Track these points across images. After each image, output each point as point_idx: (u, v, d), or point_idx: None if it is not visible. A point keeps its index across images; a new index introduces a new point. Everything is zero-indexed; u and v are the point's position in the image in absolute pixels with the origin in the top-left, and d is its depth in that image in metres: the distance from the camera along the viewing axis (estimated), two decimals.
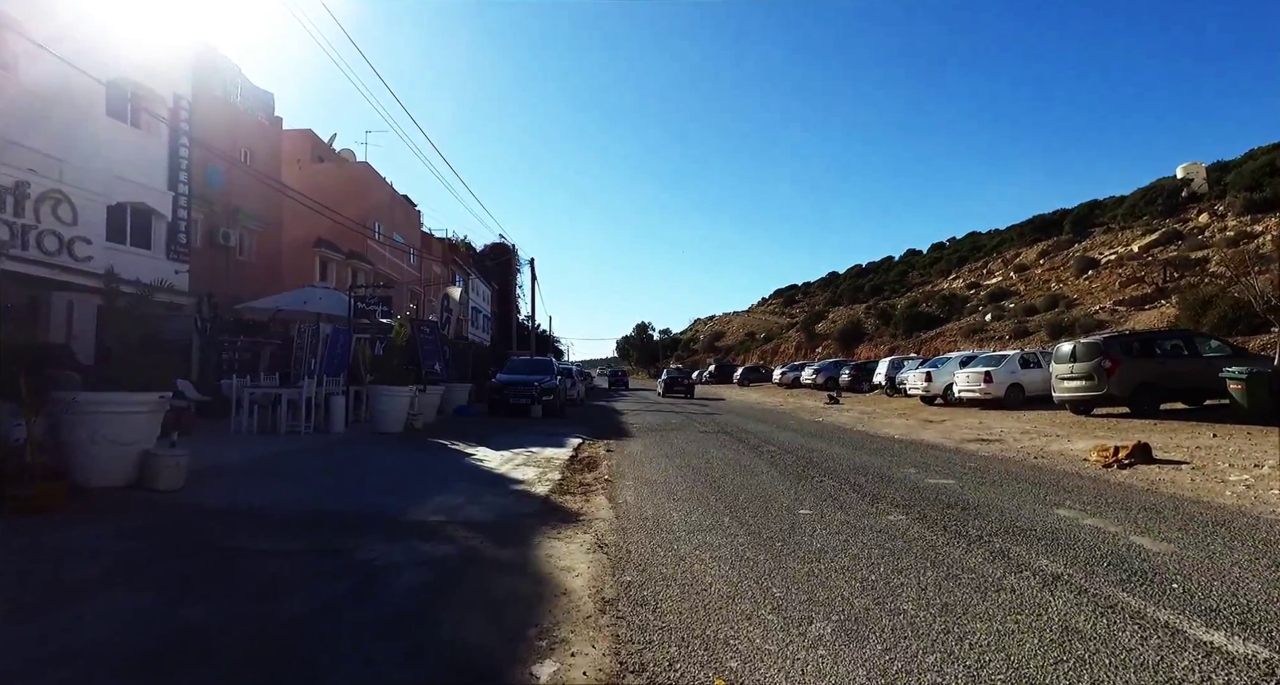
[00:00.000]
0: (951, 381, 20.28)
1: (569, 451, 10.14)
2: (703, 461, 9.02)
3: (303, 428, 10.50)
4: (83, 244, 14.03)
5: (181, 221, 17.54)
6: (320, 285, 14.86)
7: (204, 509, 5.33)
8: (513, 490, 6.75)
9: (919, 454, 9.58)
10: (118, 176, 15.70)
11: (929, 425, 14.62)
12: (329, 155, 30.62)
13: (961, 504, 5.76)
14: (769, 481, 7.24)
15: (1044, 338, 28.70)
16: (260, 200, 21.38)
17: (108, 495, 5.46)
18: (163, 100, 17.09)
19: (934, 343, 38.90)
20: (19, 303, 14.59)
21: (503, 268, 55.13)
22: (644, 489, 6.91)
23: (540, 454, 9.71)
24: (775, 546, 4.47)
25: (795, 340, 67.50)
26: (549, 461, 8.93)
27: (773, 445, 10.93)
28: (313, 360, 13.36)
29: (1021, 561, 4.05)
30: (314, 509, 5.53)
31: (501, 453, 9.67)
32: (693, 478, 7.59)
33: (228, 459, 7.90)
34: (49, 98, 14.30)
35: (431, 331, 15.35)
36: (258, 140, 21.80)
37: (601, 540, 4.75)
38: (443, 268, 40.27)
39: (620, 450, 10.61)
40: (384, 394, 11.33)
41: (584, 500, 6.34)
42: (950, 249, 77.65)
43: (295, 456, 8.50)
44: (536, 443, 11.05)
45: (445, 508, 5.78)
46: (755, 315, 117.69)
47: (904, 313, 47.53)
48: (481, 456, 9.26)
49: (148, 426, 5.74)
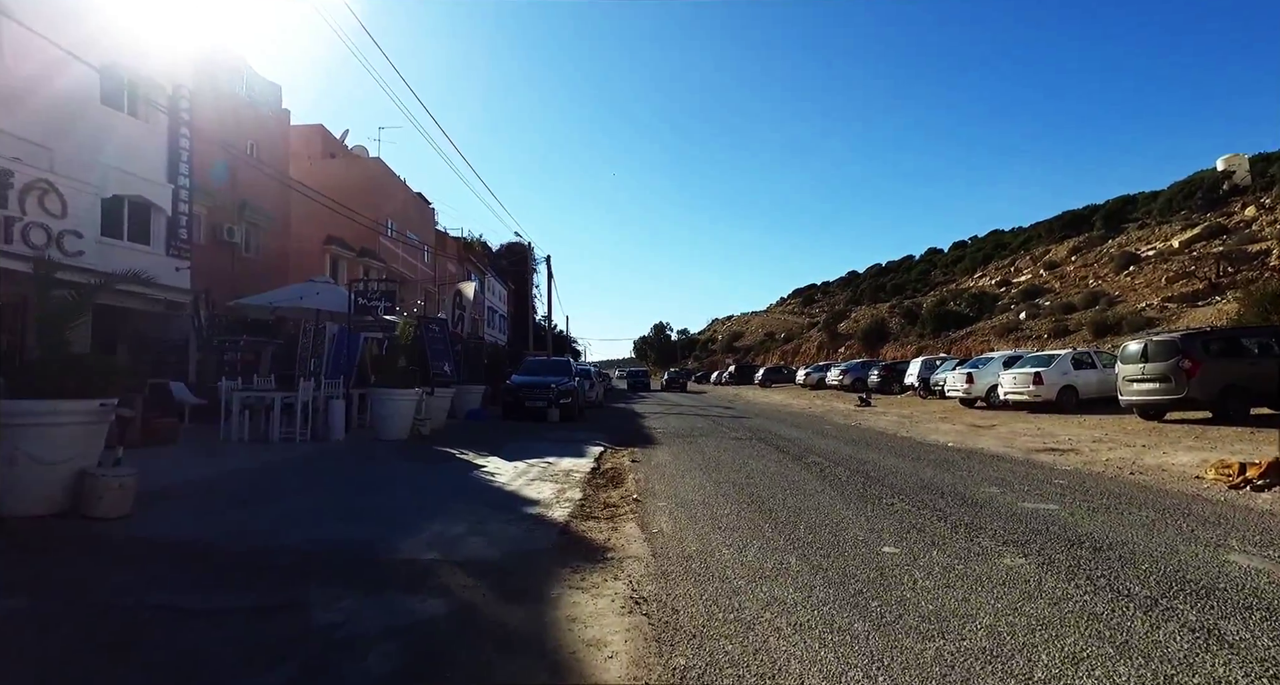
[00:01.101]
0: (995, 383, 18.96)
1: (590, 462, 9.07)
2: (743, 476, 7.90)
3: (298, 435, 9.54)
4: (74, 238, 13.18)
5: (182, 216, 16.74)
6: (322, 280, 13.91)
7: (141, 545, 4.32)
8: (525, 514, 5.68)
9: (989, 467, 8.39)
10: (113, 167, 14.89)
11: (980, 431, 13.37)
12: (341, 151, 29.86)
13: (1088, 541, 4.59)
14: (828, 503, 6.11)
15: (1086, 336, 27.19)
16: (268, 195, 20.58)
17: (27, 527, 4.47)
18: (161, 89, 16.31)
19: (965, 342, 37.37)
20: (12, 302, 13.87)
21: (519, 267, 54.30)
22: (681, 513, 5.81)
23: (558, 465, 8.65)
24: (870, 607, 3.35)
25: (817, 340, 66.05)
26: (568, 475, 7.86)
27: (817, 455, 9.78)
28: (314, 361, 12.45)
29: (1249, 648, 2.90)
30: (280, 542, 4.49)
31: (514, 464, 8.62)
32: (736, 497, 6.48)
33: (199, 473, 6.93)
34: (36, 82, 13.51)
35: (441, 330, 14.39)
36: (264, 133, 21.00)
37: (638, 592, 3.67)
38: (457, 267, 39.45)
39: (647, 461, 9.52)
40: (387, 398, 10.34)
41: (611, 529, 5.25)
42: (973, 247, 75.80)
43: (279, 470, 7.51)
44: (554, 451, 10.00)
45: (442, 540, 4.72)
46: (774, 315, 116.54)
47: (931, 311, 45.98)
48: (492, 469, 8.21)
49: (84, 441, 4.74)
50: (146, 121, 16.15)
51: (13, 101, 13.03)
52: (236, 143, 19.24)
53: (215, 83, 18.55)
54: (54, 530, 4.46)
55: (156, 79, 16.12)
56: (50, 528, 4.49)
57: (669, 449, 10.95)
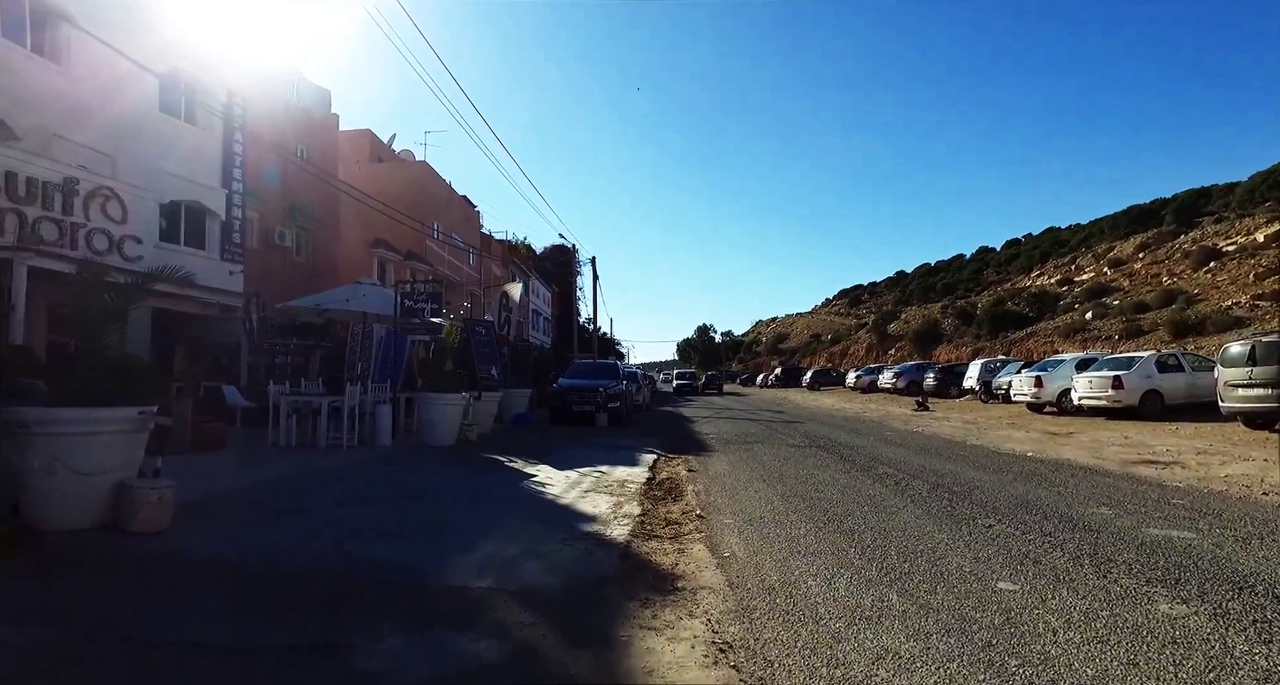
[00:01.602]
0: (1067, 387, 17.80)
1: (644, 472, 8.59)
2: (810, 488, 7.31)
3: (345, 440, 9.32)
4: (133, 243, 13.33)
5: (236, 220, 16.94)
6: (368, 282, 13.80)
7: (174, 564, 4.00)
8: (582, 532, 5.23)
9: (1085, 482, 7.60)
10: (170, 173, 15.13)
11: (1058, 439, 12.42)
12: (388, 155, 30.16)
13: (1259, 584, 3.88)
14: (914, 524, 5.49)
15: (1164, 337, 25.51)
16: (317, 199, 20.78)
17: (63, 542, 4.21)
18: (216, 96, 16.53)
19: (1025, 344, 35.70)
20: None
21: (563, 270, 54.32)
22: (752, 533, 5.27)
23: (611, 475, 8.20)
24: (1009, 666, 2.77)
25: (866, 342, 64.45)
26: (623, 486, 7.39)
27: (886, 465, 9.10)
28: (362, 364, 12.31)
29: None
30: (320, 564, 4.13)
31: (566, 473, 8.20)
32: (809, 514, 5.90)
33: (244, 481, 6.69)
34: (100, 92, 13.77)
35: (487, 333, 14.13)
36: (314, 138, 21.22)
37: (720, 635, 3.16)
38: (502, 269, 39.56)
39: (704, 469, 9.00)
40: (434, 402, 10.06)
41: (677, 551, 4.75)
42: (1028, 245, 73.07)
43: (323, 479, 7.23)
44: (605, 459, 9.56)
45: (494, 563, 4.30)
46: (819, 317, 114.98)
47: (988, 312, 44.17)
48: (543, 479, 7.80)
49: (123, 451, 4.48)
50: (202, 128, 16.39)
51: (80, 112, 13.29)
52: (287, 147, 19.45)
53: (267, 88, 18.77)
54: (89, 546, 4.19)
55: (212, 86, 16.35)
56: (85, 543, 4.22)
57: (725, 457, 10.40)
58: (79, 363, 4.39)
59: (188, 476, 6.71)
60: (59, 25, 13.22)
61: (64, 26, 13.25)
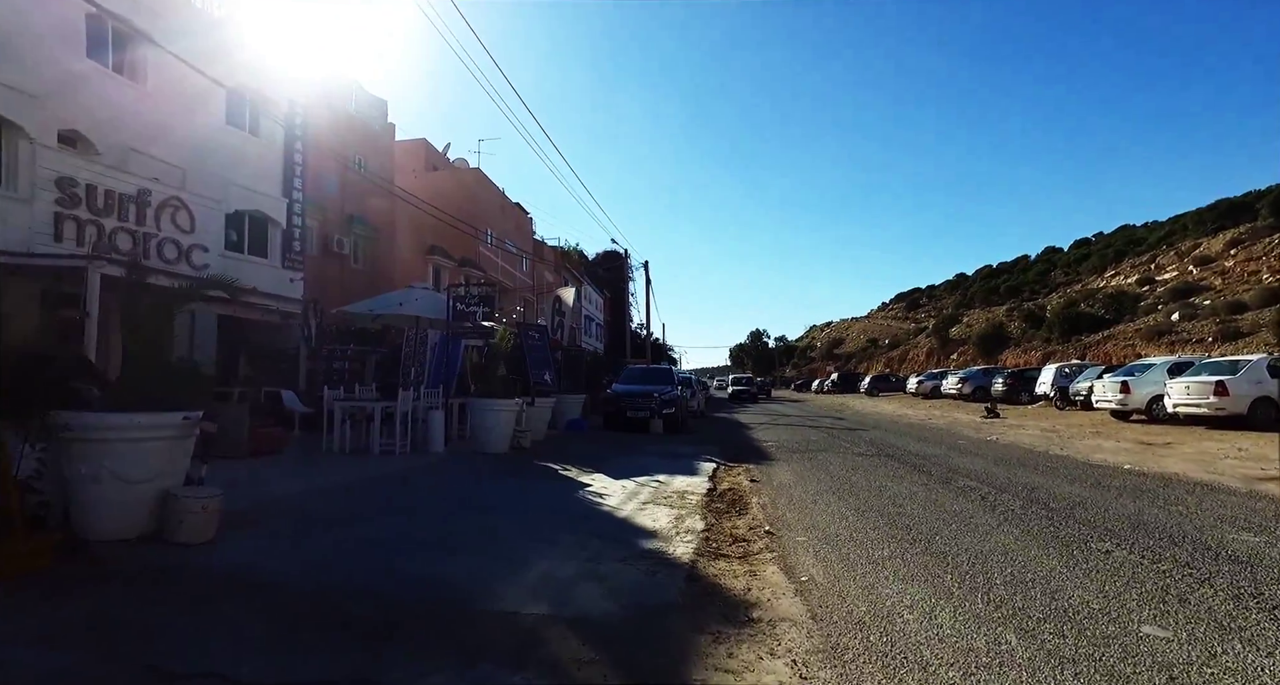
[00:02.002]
0: (1158, 393, 16.48)
1: (704, 481, 8.14)
2: (886, 502, 6.73)
3: (398, 447, 9.17)
4: (200, 252, 13.66)
5: (296, 228, 17.27)
6: (421, 286, 13.78)
7: (214, 580, 3.77)
8: (643, 550, 4.82)
9: (1208, 501, 6.76)
10: (235, 184, 15.51)
11: (1155, 450, 11.37)
12: (443, 164, 30.60)
13: None
14: (1016, 547, 4.88)
15: (1268, 339, 23.52)
16: (374, 207, 21.11)
17: (106, 553, 4.05)
18: (279, 107, 16.92)
19: (1103, 347, 33.64)
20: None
21: (615, 275, 54.29)
22: (830, 553, 4.77)
23: (670, 485, 7.77)
24: None
25: (926, 346, 62.25)
26: (683, 498, 6.96)
27: (966, 476, 8.39)
28: (415, 369, 12.25)
29: None
30: (364, 581, 3.84)
31: (622, 482, 7.82)
32: (890, 532, 5.35)
33: (293, 488, 6.54)
34: (173, 108, 14.22)
35: (541, 337, 13.91)
36: (371, 147, 21.58)
37: (810, 683, 2.70)
38: (555, 276, 39.69)
39: (767, 479, 8.48)
40: (487, 408, 9.84)
41: (749, 573, 4.30)
42: (1100, 244, 69.54)
43: (373, 487, 7.03)
44: (663, 467, 9.14)
45: (549, 585, 3.93)
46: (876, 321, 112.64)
47: (1059, 314, 41.87)
48: (599, 488, 7.43)
49: (168, 458, 4.31)
50: (265, 140, 16.79)
51: (154, 127, 13.74)
52: (345, 157, 19.81)
53: (326, 99, 19.16)
54: (131, 558, 4.01)
55: (274, 99, 16.73)
56: (129, 554, 4.05)
57: (789, 467, 9.84)
58: (124, 367, 4.23)
59: (241, 483, 6.63)
60: (138, 45, 13.69)
61: (142, 46, 13.72)
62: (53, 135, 11.62)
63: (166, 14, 13.58)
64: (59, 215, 11.26)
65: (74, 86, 12.15)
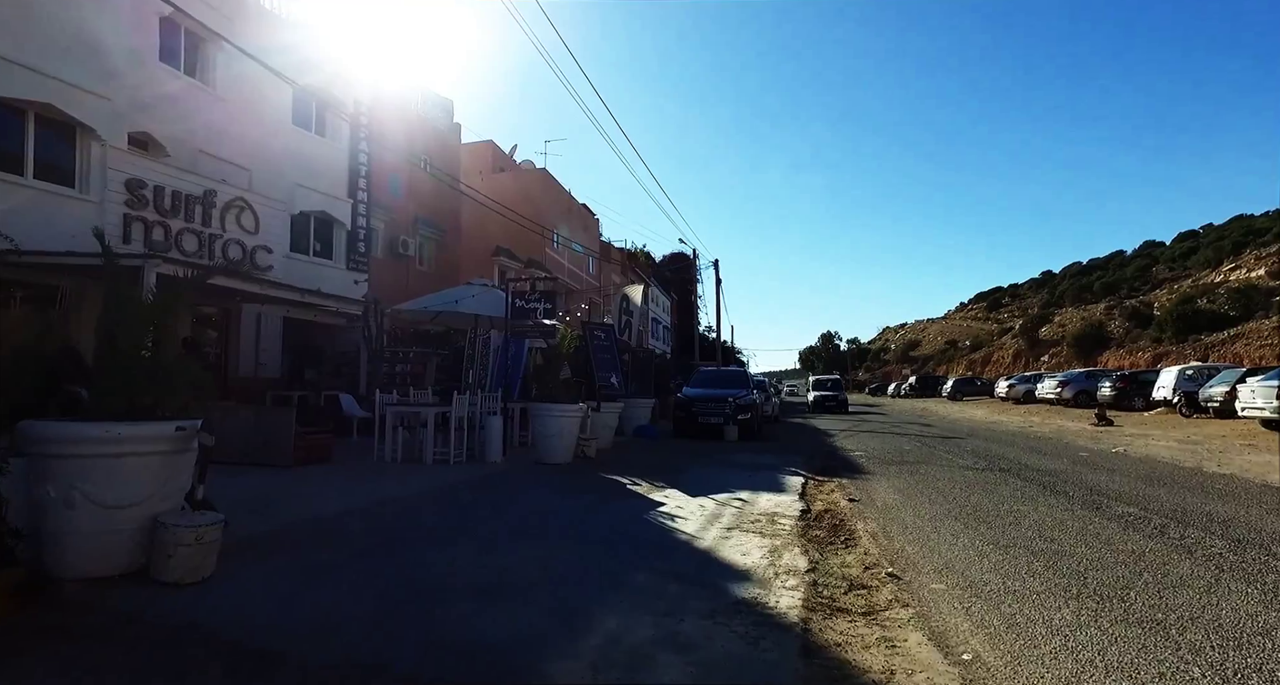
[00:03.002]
0: None
1: (794, 500, 7.00)
2: (1029, 532, 5.43)
3: (452, 456, 8.42)
4: (264, 253, 13.43)
5: (361, 229, 17.06)
6: (479, 283, 13.13)
7: (195, 643, 2.94)
8: (735, 599, 3.76)
9: None
10: (300, 185, 15.36)
11: None
12: (510, 166, 30.35)
13: None
14: (1256, 610, 3.56)
15: None
16: (439, 208, 20.83)
17: (81, 595, 3.30)
18: (344, 107, 16.74)
19: (1230, 347, 30.25)
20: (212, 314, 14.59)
21: (681, 278, 53.22)
22: (985, 610, 3.59)
23: (755, 504, 6.68)
24: None
25: (1012, 347, 58.51)
26: (773, 522, 5.85)
27: (1117, 500, 6.93)
28: (475, 372, 11.59)
29: None
30: (386, 647, 2.94)
31: (700, 501, 6.78)
32: (1054, 579, 4.10)
33: (329, 506, 5.79)
34: (240, 107, 14.14)
35: (607, 337, 13.03)
36: (437, 148, 21.32)
37: None
38: (621, 277, 38.98)
39: (868, 498, 7.26)
40: (548, 414, 8.97)
41: (882, 642, 3.18)
42: (1210, 236, 63.46)
43: (419, 505, 6.23)
44: (744, 482, 8.04)
45: (617, 653, 2.93)
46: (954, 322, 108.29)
47: (1171, 312, 38.09)
48: (673, 509, 6.41)
49: (159, 477, 3.55)
50: (330, 140, 16.65)
51: (222, 128, 13.68)
52: (411, 157, 19.57)
53: (392, 100, 18.95)
54: (105, 604, 3.26)
55: (340, 99, 16.55)
56: (103, 599, 3.30)
57: (888, 482, 8.56)
58: (103, 368, 3.50)
59: (275, 499, 5.94)
60: (209, 48, 13.67)
61: (213, 49, 13.68)
62: (123, 138, 11.58)
63: (236, 16, 13.46)
64: (127, 217, 11.15)
65: (146, 89, 12.12)
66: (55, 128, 10.65)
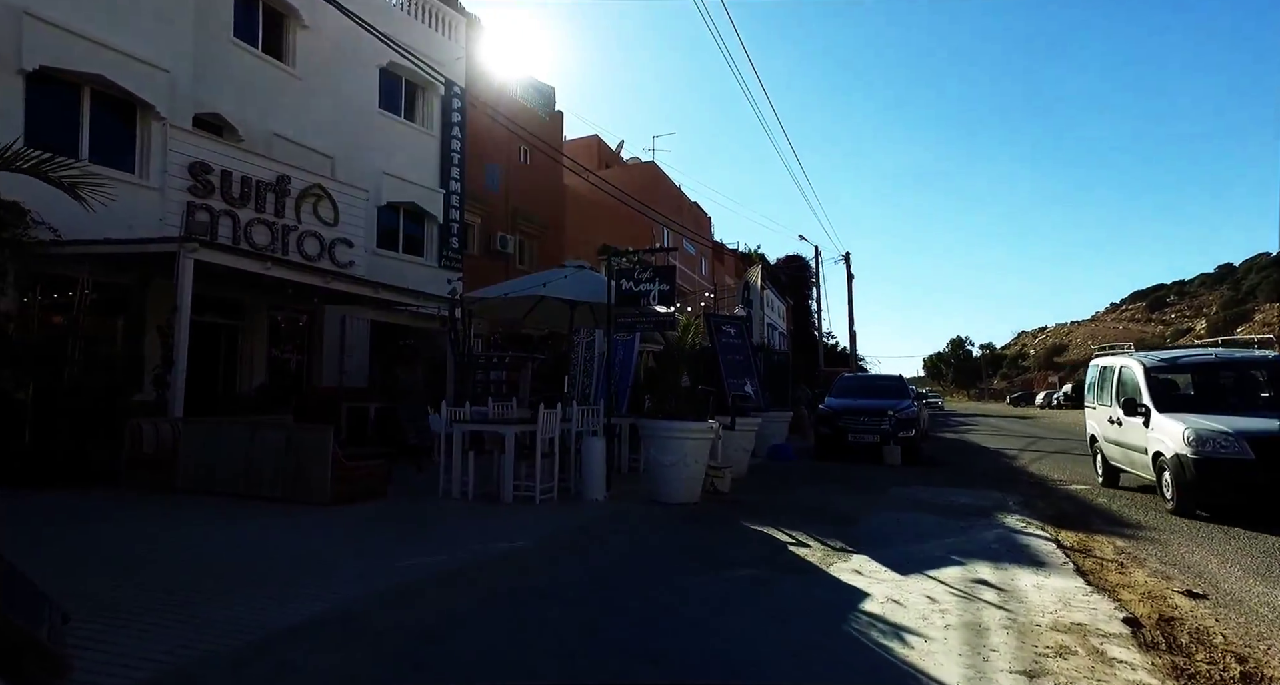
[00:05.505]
0: None
1: (1082, 588, 4.16)
2: None
3: (539, 491, 6.18)
4: (344, 247, 11.95)
5: (454, 224, 15.55)
6: (574, 263, 10.99)
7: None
8: None
9: None
10: (386, 174, 14.00)
11: None
12: (615, 161, 28.60)
13: None
14: None
15: None
16: (540, 202, 19.15)
17: None
18: (436, 91, 15.34)
19: None
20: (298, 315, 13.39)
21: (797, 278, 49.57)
22: None
23: (1021, 597, 3.92)
24: None
25: None
26: (1098, 653, 3.09)
27: None
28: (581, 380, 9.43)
29: None
30: None
31: (920, 585, 4.11)
32: None
33: (348, 590, 3.52)
34: (322, 88, 12.94)
35: (739, 334, 10.45)
36: (537, 137, 19.69)
37: None
38: (735, 280, 36.28)
39: (1210, 585, 4.27)
40: (666, 436, 6.51)
41: None
42: None
43: (481, 583, 3.94)
44: (960, 541, 5.27)
45: None
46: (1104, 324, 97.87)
47: None
48: (884, 605, 3.76)
49: None
50: (420, 127, 15.30)
51: (302, 111, 12.51)
52: (509, 147, 18.00)
53: (489, 85, 17.46)
54: None
55: (433, 81, 15.14)
56: None
57: (1197, 545, 5.44)
58: None
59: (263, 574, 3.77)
60: (288, 24, 12.55)
61: (293, 25, 12.56)
62: (189, 117, 10.45)
63: None
64: (191, 205, 9.90)
65: (218, 66, 11.02)
66: (112, 105, 9.56)
